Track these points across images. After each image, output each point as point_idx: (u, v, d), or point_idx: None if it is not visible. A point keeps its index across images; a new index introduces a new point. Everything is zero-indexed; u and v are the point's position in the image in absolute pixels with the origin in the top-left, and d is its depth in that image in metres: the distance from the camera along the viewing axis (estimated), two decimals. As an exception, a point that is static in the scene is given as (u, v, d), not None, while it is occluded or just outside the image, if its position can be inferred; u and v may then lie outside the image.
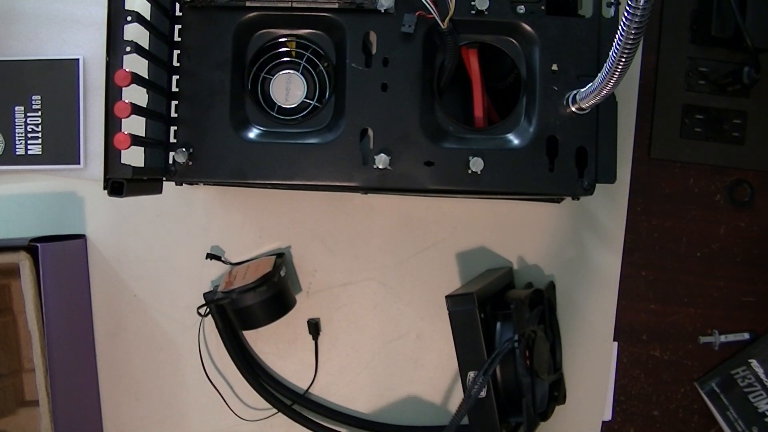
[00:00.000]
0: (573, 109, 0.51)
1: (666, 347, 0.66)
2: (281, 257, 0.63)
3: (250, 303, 0.58)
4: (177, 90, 0.54)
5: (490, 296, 0.56)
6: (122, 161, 0.47)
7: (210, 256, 0.64)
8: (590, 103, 0.48)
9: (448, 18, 0.51)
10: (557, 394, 0.61)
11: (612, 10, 0.53)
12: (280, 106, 0.56)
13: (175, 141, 0.53)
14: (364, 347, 0.65)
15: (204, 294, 0.62)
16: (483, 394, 0.52)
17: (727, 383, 0.64)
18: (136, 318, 0.66)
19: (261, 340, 0.65)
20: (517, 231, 0.65)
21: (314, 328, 0.64)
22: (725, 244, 0.66)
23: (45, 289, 0.56)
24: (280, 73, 0.56)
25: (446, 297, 0.54)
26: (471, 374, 0.52)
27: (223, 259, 0.65)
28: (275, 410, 0.63)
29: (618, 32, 0.36)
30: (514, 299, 0.54)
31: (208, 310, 0.61)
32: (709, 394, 0.64)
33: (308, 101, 0.56)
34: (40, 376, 0.56)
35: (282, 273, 0.61)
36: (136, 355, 0.66)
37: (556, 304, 0.64)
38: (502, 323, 0.54)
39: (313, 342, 0.65)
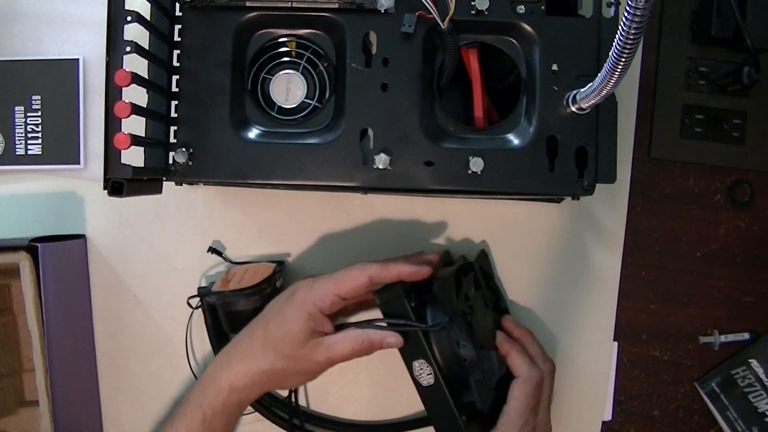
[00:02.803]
0: (573, 109, 0.51)
1: (666, 347, 0.66)
2: (281, 265, 0.63)
3: (241, 308, 0.58)
4: (177, 90, 0.54)
5: (420, 282, 0.54)
6: (122, 161, 0.47)
7: (212, 250, 0.64)
8: (590, 103, 0.48)
9: (448, 18, 0.51)
10: None
11: (612, 10, 0.53)
12: (280, 106, 0.56)
13: (175, 141, 0.53)
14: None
15: (198, 288, 0.62)
16: (431, 381, 0.51)
17: (727, 383, 0.64)
18: (136, 318, 0.66)
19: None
20: (517, 231, 0.65)
21: None
22: (725, 244, 0.66)
23: (45, 289, 0.56)
24: (280, 73, 0.57)
25: (373, 293, 0.53)
26: (416, 363, 0.52)
27: (223, 255, 0.65)
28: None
29: (618, 32, 0.36)
30: (437, 279, 0.53)
31: (199, 303, 0.61)
32: (709, 394, 0.64)
33: (308, 101, 0.56)
34: (40, 376, 0.56)
35: (278, 284, 0.61)
36: (136, 355, 0.66)
37: (492, 271, 0.64)
38: (432, 308, 0.53)
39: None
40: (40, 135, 0.65)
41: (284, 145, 0.53)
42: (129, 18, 0.46)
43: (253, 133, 0.54)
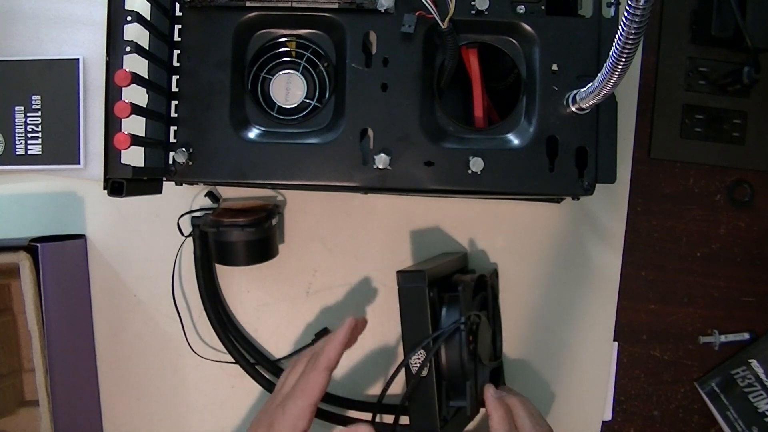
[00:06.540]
0: (573, 109, 0.51)
1: (666, 347, 0.66)
2: (276, 207, 0.62)
3: (234, 239, 0.58)
4: (177, 90, 0.54)
5: (441, 278, 0.55)
6: (122, 161, 0.47)
7: (209, 194, 0.64)
8: (590, 103, 0.49)
9: (448, 18, 0.51)
10: (498, 382, 0.61)
11: (612, 10, 0.53)
12: (280, 106, 0.57)
13: (175, 141, 0.53)
14: (364, 347, 0.65)
15: (192, 217, 0.62)
16: (425, 373, 0.50)
17: (727, 383, 0.64)
18: (136, 318, 0.66)
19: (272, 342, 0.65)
20: (517, 231, 0.65)
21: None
22: (725, 244, 0.66)
23: (45, 289, 0.56)
24: (280, 73, 0.57)
25: (398, 272, 0.52)
26: (417, 351, 0.51)
27: (219, 202, 0.64)
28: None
29: (618, 32, 0.36)
30: (462, 282, 0.54)
31: (191, 232, 0.60)
32: (709, 394, 0.64)
33: (308, 101, 0.56)
34: (40, 376, 0.56)
35: (274, 222, 0.60)
36: (136, 355, 0.66)
37: (498, 292, 0.64)
38: (448, 306, 0.53)
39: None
40: (40, 135, 0.65)
41: (284, 145, 0.53)
42: (129, 18, 0.46)
43: (253, 133, 0.54)
